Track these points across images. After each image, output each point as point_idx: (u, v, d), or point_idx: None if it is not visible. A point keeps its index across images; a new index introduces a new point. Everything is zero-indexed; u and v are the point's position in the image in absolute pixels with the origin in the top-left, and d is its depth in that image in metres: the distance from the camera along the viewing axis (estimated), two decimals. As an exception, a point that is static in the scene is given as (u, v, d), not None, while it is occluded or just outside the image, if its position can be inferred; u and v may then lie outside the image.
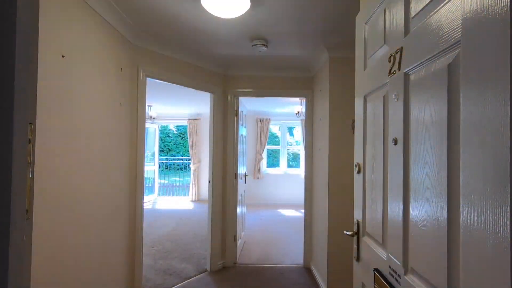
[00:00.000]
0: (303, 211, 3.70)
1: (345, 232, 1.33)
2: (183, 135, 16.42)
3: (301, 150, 7.64)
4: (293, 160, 10.93)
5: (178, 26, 2.35)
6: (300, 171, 7.40)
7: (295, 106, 5.79)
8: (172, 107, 6.89)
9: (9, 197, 0.44)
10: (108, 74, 2.11)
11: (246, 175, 4.32)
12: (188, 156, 8.87)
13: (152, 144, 7.95)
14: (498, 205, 0.52)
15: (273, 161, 9.62)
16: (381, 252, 1.07)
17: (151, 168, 7.81)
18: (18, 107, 0.45)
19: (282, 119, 7.57)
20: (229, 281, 3.08)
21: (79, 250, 1.77)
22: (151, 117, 6.70)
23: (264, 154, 7.58)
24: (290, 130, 11.12)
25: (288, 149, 8.17)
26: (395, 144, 0.96)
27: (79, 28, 1.75)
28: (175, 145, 17.37)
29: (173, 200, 7.74)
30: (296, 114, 5.55)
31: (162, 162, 10.89)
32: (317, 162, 3.27)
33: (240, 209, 3.81)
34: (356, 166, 1.35)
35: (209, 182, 3.38)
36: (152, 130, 7.89)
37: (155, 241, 4.42)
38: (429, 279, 0.76)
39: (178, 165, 11.96)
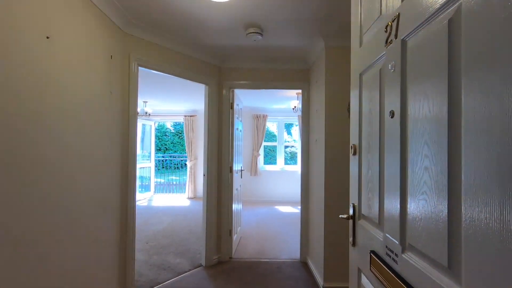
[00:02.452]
0: (300, 207, 3.65)
1: (340, 216, 1.28)
2: (180, 134, 16.33)
3: (298, 148, 7.59)
4: (290, 159, 10.88)
5: (170, 13, 2.29)
6: (297, 168, 7.35)
7: (292, 101, 5.74)
8: (168, 103, 6.82)
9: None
10: (97, 61, 2.05)
11: (242, 170, 4.26)
12: (185, 154, 8.78)
13: (149, 143, 7.87)
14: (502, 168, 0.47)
15: (271, 160, 9.56)
16: (377, 233, 1.02)
17: (147, 165, 7.73)
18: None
19: (279, 115, 7.52)
20: (224, 275, 3.02)
21: (65, 243, 1.70)
22: (146, 113, 6.63)
23: (261, 151, 7.53)
24: (288, 128, 11.08)
25: (285, 149, 8.12)
26: (392, 117, 0.91)
27: (66, 10, 1.69)
28: (172, 144, 17.27)
29: (170, 198, 7.67)
30: (293, 109, 5.50)
31: (158, 161, 10.82)
32: (313, 157, 3.22)
33: (235, 204, 3.76)
34: (351, 147, 1.30)
35: (204, 175, 3.33)
36: (148, 128, 7.82)
37: (150, 237, 4.35)
38: (428, 253, 0.71)
39: (176, 163, 11.88)
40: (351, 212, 1.28)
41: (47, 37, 1.54)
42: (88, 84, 1.93)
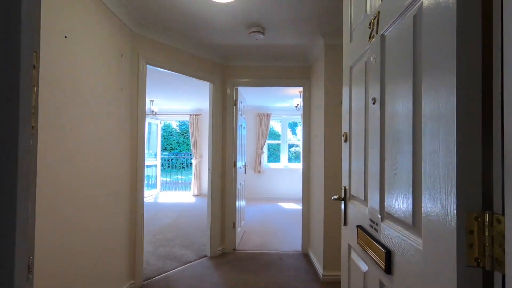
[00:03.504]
0: (302, 203, 3.76)
1: (332, 198, 1.39)
2: (186, 133, 16.53)
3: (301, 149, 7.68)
4: (295, 158, 10.96)
5: (177, 14, 2.43)
6: (301, 166, 7.44)
7: (295, 99, 5.85)
8: (174, 102, 6.98)
9: (17, 112, 0.51)
10: (109, 59, 2.19)
11: (246, 166, 4.39)
12: (190, 152, 8.95)
13: (155, 142, 8.03)
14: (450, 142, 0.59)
15: (275, 159, 9.66)
16: (363, 209, 1.14)
17: (153, 163, 7.90)
18: (25, 35, 0.53)
19: (282, 113, 7.63)
20: (228, 264, 3.15)
21: (79, 231, 1.85)
22: (153, 111, 6.79)
23: (265, 149, 7.64)
24: (293, 128, 11.17)
25: (290, 148, 8.22)
26: (374, 103, 1.02)
27: (80, 11, 1.83)
28: (177, 144, 17.49)
29: (175, 195, 7.84)
30: (296, 107, 5.61)
31: (164, 159, 11.01)
32: (314, 152, 3.33)
33: (239, 198, 3.88)
34: (343, 135, 1.42)
35: (209, 169, 3.46)
36: (155, 127, 7.98)
37: (156, 230, 4.50)
38: (399, 217, 0.82)
39: (181, 163, 12.07)
40: (342, 194, 1.39)
41: (65, 36, 1.68)
42: (101, 81, 2.07)
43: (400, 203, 0.82)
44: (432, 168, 0.65)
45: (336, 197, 1.37)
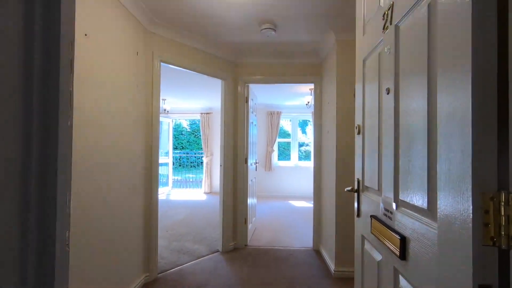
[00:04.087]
0: (313, 201, 3.76)
1: (346, 189, 1.41)
2: (196, 132, 16.70)
3: (312, 146, 7.67)
4: (305, 157, 10.95)
5: (190, 12, 2.48)
6: (311, 164, 7.42)
7: (305, 97, 5.84)
8: (185, 100, 7.07)
9: (57, 91, 0.56)
10: (126, 57, 2.26)
11: (256, 163, 4.42)
12: (200, 151, 9.06)
13: (166, 141, 8.15)
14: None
15: (285, 158, 9.67)
16: (377, 199, 1.15)
17: (164, 161, 8.03)
18: (64, 29, 0.58)
19: (293, 112, 7.63)
20: (240, 259, 3.19)
21: (97, 225, 1.92)
22: (165, 110, 6.90)
23: (276, 147, 7.66)
24: (302, 127, 11.14)
25: (300, 147, 8.21)
26: (388, 93, 1.04)
27: (100, 10, 1.90)
28: (188, 143, 17.68)
29: (187, 192, 7.95)
30: (306, 104, 5.61)
31: (175, 158, 11.18)
32: (325, 149, 3.33)
33: (250, 194, 3.92)
34: (356, 127, 1.43)
35: (221, 166, 3.51)
36: (166, 127, 8.10)
37: (169, 226, 4.59)
38: (414, 202, 0.84)
39: (192, 162, 12.23)
40: (356, 186, 1.40)
41: (85, 35, 1.75)
42: (118, 78, 2.14)
43: (415, 189, 0.83)
44: (447, 152, 0.66)
45: (349, 188, 1.39)
